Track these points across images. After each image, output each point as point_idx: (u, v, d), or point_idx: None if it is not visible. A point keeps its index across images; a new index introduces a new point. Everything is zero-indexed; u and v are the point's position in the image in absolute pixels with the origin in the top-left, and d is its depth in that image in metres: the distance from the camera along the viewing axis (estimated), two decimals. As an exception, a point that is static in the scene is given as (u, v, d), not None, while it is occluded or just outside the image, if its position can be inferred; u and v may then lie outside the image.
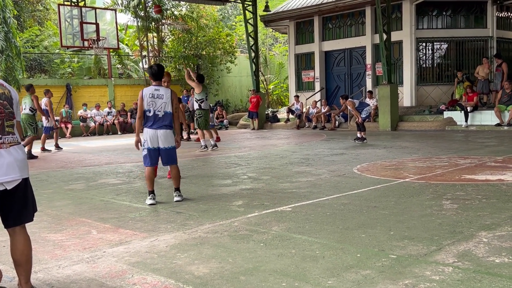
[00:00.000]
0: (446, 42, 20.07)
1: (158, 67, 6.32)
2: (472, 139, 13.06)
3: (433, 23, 20.09)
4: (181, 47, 26.76)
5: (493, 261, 3.65)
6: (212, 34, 28.09)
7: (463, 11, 19.93)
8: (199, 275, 3.61)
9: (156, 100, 6.12)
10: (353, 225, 4.86)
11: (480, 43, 19.86)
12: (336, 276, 3.47)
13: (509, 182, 6.76)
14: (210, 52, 27.74)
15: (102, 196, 6.95)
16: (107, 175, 9.06)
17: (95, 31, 21.40)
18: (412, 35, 19.52)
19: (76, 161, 11.83)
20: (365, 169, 8.40)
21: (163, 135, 6.15)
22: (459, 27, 20.01)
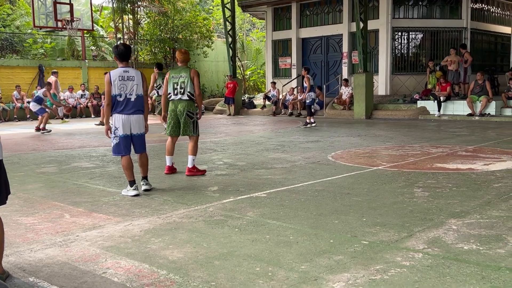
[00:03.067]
0: (422, 32, 20.29)
1: (125, 46, 5.90)
2: (444, 128, 13.28)
3: (409, 12, 20.27)
4: (157, 30, 26.43)
5: (461, 248, 3.74)
6: (189, 18, 27.79)
7: (439, 2, 20.16)
8: (173, 259, 3.62)
9: (126, 83, 5.69)
10: (326, 211, 4.91)
11: (454, 33, 20.13)
12: (309, 261, 3.52)
13: (479, 171, 6.91)
14: (186, 36, 27.45)
15: (75, 180, 6.87)
16: (80, 159, 8.95)
17: (69, 12, 21.02)
18: (388, 24, 19.67)
19: (49, 144, 11.65)
20: (339, 157, 8.48)
21: (136, 120, 5.79)
22: (435, 18, 20.25)
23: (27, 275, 3.39)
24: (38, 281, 3.27)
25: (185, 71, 6.87)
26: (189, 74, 6.84)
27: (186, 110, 6.86)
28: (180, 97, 6.86)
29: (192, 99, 6.88)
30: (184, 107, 6.84)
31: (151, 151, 9.50)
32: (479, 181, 6.20)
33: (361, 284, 3.11)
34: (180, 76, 6.85)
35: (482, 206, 4.96)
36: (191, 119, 6.91)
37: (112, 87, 5.64)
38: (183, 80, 6.83)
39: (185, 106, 6.85)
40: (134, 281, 3.23)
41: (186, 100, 6.86)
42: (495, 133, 11.80)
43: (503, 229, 4.18)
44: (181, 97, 6.85)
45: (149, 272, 3.39)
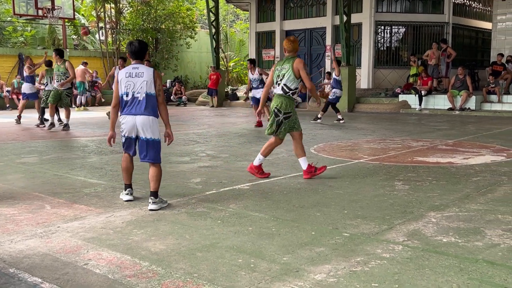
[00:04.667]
0: (404, 26, 20.42)
1: (140, 43, 5.01)
2: (425, 122, 13.42)
3: (392, 6, 20.37)
4: (139, 20, 26.15)
5: (440, 240, 3.81)
6: (172, 8, 27.55)
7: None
8: (155, 251, 3.62)
9: (134, 80, 4.83)
10: (308, 203, 4.95)
11: (436, 28, 20.30)
12: (291, 253, 3.55)
13: (458, 164, 7.01)
14: (169, 26, 27.23)
15: (56, 171, 6.80)
16: (61, 149, 8.87)
17: (50, 0, 20.68)
18: (371, 17, 19.75)
19: (29, 133, 11.51)
20: (322, 149, 8.53)
21: (142, 122, 4.83)
22: (417, 12, 20.38)
23: (7, 266, 3.36)
24: (18, 272, 3.25)
25: (288, 62, 6.01)
26: (291, 65, 5.95)
27: (275, 107, 6.03)
28: (275, 91, 6.10)
29: (287, 92, 6.00)
30: (274, 103, 6.06)
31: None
32: (458, 175, 6.29)
33: (342, 275, 3.15)
34: (282, 68, 6.03)
35: (461, 200, 5.04)
36: (277, 117, 6.04)
37: (120, 86, 4.90)
38: (284, 72, 5.99)
39: (276, 102, 6.04)
40: (116, 273, 3.22)
41: (278, 95, 6.03)
42: (474, 127, 11.96)
43: (481, 222, 4.25)
44: (276, 90, 6.09)
45: (131, 263, 3.38)
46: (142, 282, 3.08)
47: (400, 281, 3.06)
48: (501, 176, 6.15)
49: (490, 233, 3.95)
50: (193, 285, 3.02)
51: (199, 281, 3.08)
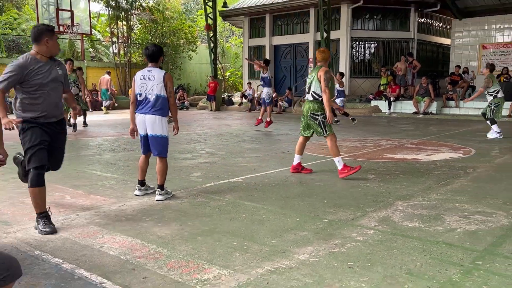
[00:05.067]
0: (376, 41, 20.45)
1: (155, 47, 4.89)
2: (394, 124, 13.46)
3: (366, 25, 20.40)
4: (148, 35, 26.09)
5: (406, 225, 3.83)
6: (176, 25, 27.49)
7: (391, 16, 20.34)
8: (161, 235, 3.61)
9: (147, 82, 4.74)
10: (293, 194, 4.96)
11: (403, 43, 20.35)
12: (279, 237, 3.55)
13: (422, 160, 7.04)
14: (174, 41, 27.17)
15: (75, 166, 6.76)
16: (79, 148, 8.81)
17: (69, 18, 20.53)
18: (347, 34, 19.77)
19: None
20: (305, 148, 8.50)
21: (150, 120, 4.73)
22: (387, 30, 20.42)
23: (33, 249, 3.34)
24: (42, 254, 3.23)
25: (315, 71, 5.89)
26: (316, 73, 5.83)
27: (310, 112, 5.90)
28: (307, 97, 6.03)
29: (317, 99, 5.87)
30: (308, 108, 5.93)
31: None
32: (422, 169, 6.32)
33: (322, 256, 3.16)
34: (310, 76, 5.95)
35: (424, 190, 5.06)
36: (315, 120, 5.89)
37: (135, 86, 4.84)
38: (311, 80, 5.91)
39: (309, 107, 5.91)
40: (127, 254, 3.21)
41: (310, 101, 5.91)
42: (436, 128, 12.01)
43: (441, 210, 4.28)
44: (307, 97, 6.00)
45: (141, 246, 3.37)
46: (150, 262, 3.07)
47: (372, 260, 3.08)
48: (458, 170, 6.19)
49: (449, 219, 3.98)
50: (194, 265, 3.02)
51: (199, 261, 3.07)
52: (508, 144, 8.77)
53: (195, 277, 2.83)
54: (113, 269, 2.96)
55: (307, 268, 2.95)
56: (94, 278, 2.83)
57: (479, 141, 9.26)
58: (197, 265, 3.01)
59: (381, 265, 2.99)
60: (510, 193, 4.90)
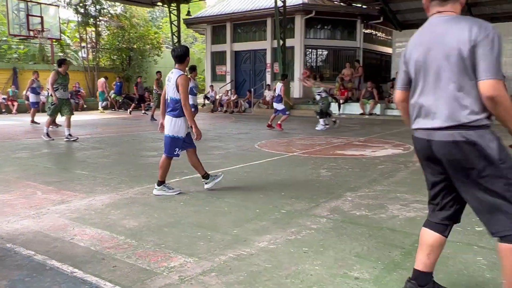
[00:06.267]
0: (327, 49, 20.80)
1: (181, 48, 4.62)
2: (343, 124, 13.71)
3: (318, 34, 20.72)
4: (115, 41, 25.42)
5: (354, 214, 3.92)
6: (142, 31, 26.94)
7: (340, 27, 20.75)
8: (130, 227, 3.54)
9: (168, 84, 4.60)
10: (253, 188, 4.97)
11: (351, 52, 20.81)
12: (240, 227, 3.56)
13: (368, 156, 7.23)
14: (140, 46, 26.61)
15: (46, 163, 6.51)
16: (50, 146, 8.48)
17: (40, 23, 19.76)
18: (301, 42, 20.01)
19: (22, 134, 10.92)
20: (264, 145, 8.57)
21: (167, 121, 4.63)
22: (336, 39, 20.82)
23: (5, 242, 3.20)
24: (15, 247, 3.09)
25: None
26: None
27: None
28: None
29: None
30: None
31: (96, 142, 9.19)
32: (368, 164, 6.48)
33: (280, 243, 3.19)
34: None
35: (370, 183, 5.20)
36: None
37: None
38: None
39: None
40: (97, 245, 3.13)
41: None
42: (380, 128, 12.34)
43: (384, 200, 4.41)
44: None
45: (110, 237, 3.29)
46: (119, 252, 3.00)
47: (325, 245, 3.14)
48: (399, 165, 6.39)
49: (392, 208, 4.11)
50: (161, 254, 2.98)
51: (166, 250, 3.03)
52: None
53: (162, 265, 2.79)
54: (84, 259, 2.87)
55: (266, 254, 2.97)
56: (65, 268, 2.74)
57: (417, 139, 9.60)
58: (164, 254, 2.97)
59: (333, 250, 3.05)
60: (443, 184, 5.12)
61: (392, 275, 2.66)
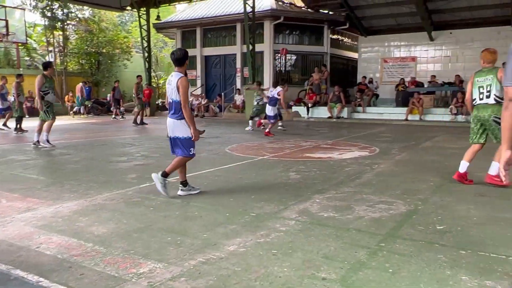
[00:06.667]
0: (295, 54, 21.03)
1: (180, 51, 4.62)
2: (311, 127, 13.90)
3: (286, 39, 20.91)
4: (84, 45, 24.88)
5: (322, 215, 3.96)
6: (111, 36, 26.48)
7: (308, 32, 21.02)
8: (98, 234, 3.45)
9: (168, 87, 4.65)
10: (224, 191, 4.95)
11: (318, 56, 21.12)
12: (210, 231, 3.53)
13: (335, 158, 7.33)
14: (109, 51, 26.14)
15: (11, 170, 6.27)
16: (15, 152, 8.18)
17: (4, 27, 19.11)
18: (270, 47, 20.15)
19: (-15, 140, 10.49)
20: (234, 149, 8.56)
21: (170, 123, 4.68)
22: (304, 44, 21.08)
23: (-35, 253, 3.05)
24: (-25, 258, 2.96)
25: (492, 73, 5.09)
26: (495, 75, 5.03)
27: (493, 116, 5.08)
28: (486, 102, 5.12)
29: (499, 102, 4.97)
30: (491, 112, 5.09)
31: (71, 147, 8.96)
32: (335, 166, 6.57)
33: (249, 246, 3.18)
34: (486, 79, 5.11)
35: (337, 185, 5.27)
36: (499, 124, 4.77)
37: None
38: (489, 82, 5.08)
39: (492, 111, 5.08)
40: (64, 253, 3.03)
41: (492, 105, 5.08)
42: (347, 131, 12.55)
43: (351, 201, 4.48)
44: (487, 101, 5.11)
45: (78, 245, 3.20)
46: (87, 259, 2.92)
47: (293, 247, 3.16)
48: (365, 167, 6.51)
49: (358, 209, 4.18)
50: (130, 260, 2.92)
51: (135, 256, 2.98)
52: (404, 143, 9.38)
53: (131, 272, 2.74)
54: (50, 268, 2.78)
55: (236, 257, 2.96)
56: (30, 278, 2.64)
57: (382, 141, 9.83)
58: (133, 260, 2.91)
59: (301, 251, 3.07)
60: (407, 185, 5.26)
61: (358, 274, 2.70)
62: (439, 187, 5.15)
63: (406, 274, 2.71)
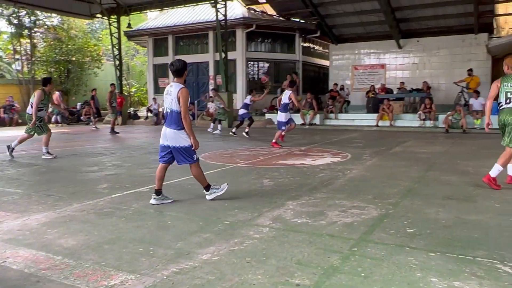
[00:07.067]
0: (268, 62, 21.20)
1: (179, 63, 4.67)
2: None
3: (259, 47, 21.07)
4: (52, 53, 24.30)
5: (296, 222, 3.99)
6: (81, 44, 25.97)
7: (279, 40, 21.25)
8: (67, 246, 3.36)
9: (167, 97, 4.65)
10: (197, 200, 4.91)
11: (291, 64, 21.36)
12: (184, 240, 3.50)
13: (308, 165, 7.40)
14: (79, 59, 25.62)
15: (-26, 183, 6.03)
16: (-21, 164, 7.88)
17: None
18: (243, 55, 20.25)
19: None
20: (208, 157, 8.52)
21: (169, 134, 4.67)
22: (277, 52, 21.29)
23: None
24: None
25: None
26: None
27: None
28: (507, 106, 5.21)
29: None
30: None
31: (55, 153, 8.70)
32: (308, 173, 6.63)
33: (223, 254, 3.17)
34: None
35: (310, 191, 5.31)
36: None
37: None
38: None
39: None
40: (32, 267, 2.94)
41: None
42: (319, 137, 12.69)
43: (324, 206, 4.53)
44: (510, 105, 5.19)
45: (46, 258, 3.11)
46: (56, 273, 2.84)
47: (267, 254, 3.16)
48: (338, 172, 6.60)
49: (331, 214, 4.22)
50: (100, 272, 2.85)
51: (106, 268, 2.91)
52: (375, 148, 9.56)
53: (102, 284, 2.67)
54: (16, 283, 2.68)
55: (209, 266, 2.94)
56: (-6, 295, 2.54)
57: (354, 147, 9.99)
58: (104, 273, 2.84)
59: (275, 258, 3.08)
60: (378, 189, 5.36)
61: (331, 279, 2.73)
62: (409, 191, 5.27)
63: (378, 277, 2.75)
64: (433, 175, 6.27)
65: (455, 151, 9.14)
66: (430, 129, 14.77)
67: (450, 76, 17.67)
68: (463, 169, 6.75)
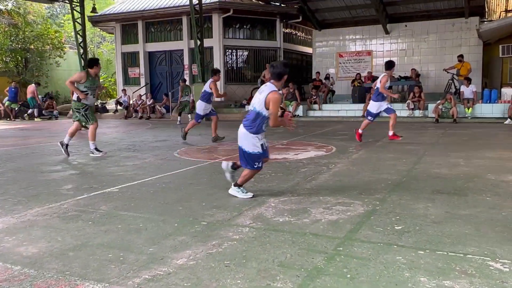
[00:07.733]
0: (247, 50, 21.16)
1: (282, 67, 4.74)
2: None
3: (237, 34, 21.00)
4: (7, 41, 23.68)
5: (278, 220, 4.00)
6: (40, 30, 25.39)
7: (259, 26, 21.21)
8: (27, 255, 3.29)
9: (257, 95, 4.86)
10: (172, 200, 4.88)
11: (271, 52, 21.37)
12: (157, 244, 3.47)
13: (291, 159, 7.44)
14: (38, 47, 25.06)
15: None
16: None
17: None
18: (220, 42, 20.15)
19: None
20: (184, 153, 8.47)
21: (241, 132, 5.06)
22: (256, 39, 21.26)
23: None
24: None
25: None
26: None
27: None
28: None
29: None
30: None
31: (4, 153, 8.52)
32: (291, 168, 6.66)
33: (200, 258, 3.16)
34: None
35: (293, 187, 5.35)
36: None
37: None
38: None
39: None
40: (-13, 279, 2.87)
41: None
42: (302, 130, 12.74)
43: (308, 203, 4.56)
44: None
45: (3, 269, 3.03)
46: (14, 285, 2.78)
47: (247, 256, 3.16)
48: (322, 167, 6.65)
49: (314, 211, 4.26)
50: (65, 282, 2.80)
51: (71, 278, 2.86)
52: (362, 141, 9.67)
53: (67, 295, 2.63)
54: (-30, 298, 2.62)
55: (185, 272, 2.93)
56: None
57: (339, 139, 10.08)
58: (68, 283, 2.80)
59: (256, 260, 3.08)
60: (364, 184, 5.42)
61: (315, 282, 2.75)
62: (397, 185, 5.35)
63: (365, 278, 2.79)
64: (422, 168, 6.38)
65: (445, 142, 9.32)
66: (419, 119, 15.01)
67: (440, 63, 17.99)
68: (454, 161, 6.89)
